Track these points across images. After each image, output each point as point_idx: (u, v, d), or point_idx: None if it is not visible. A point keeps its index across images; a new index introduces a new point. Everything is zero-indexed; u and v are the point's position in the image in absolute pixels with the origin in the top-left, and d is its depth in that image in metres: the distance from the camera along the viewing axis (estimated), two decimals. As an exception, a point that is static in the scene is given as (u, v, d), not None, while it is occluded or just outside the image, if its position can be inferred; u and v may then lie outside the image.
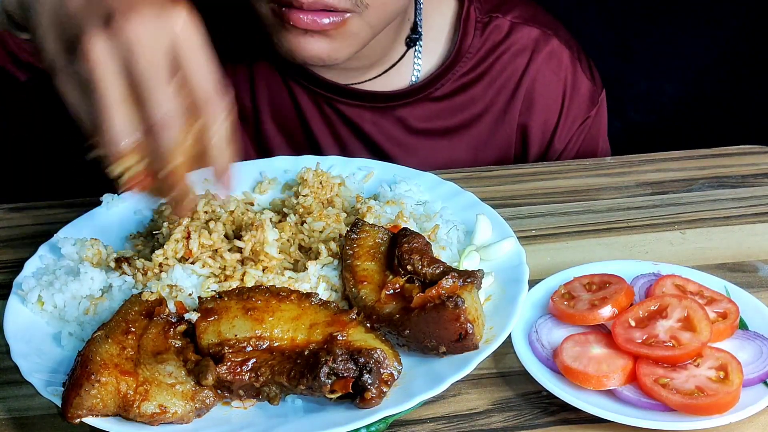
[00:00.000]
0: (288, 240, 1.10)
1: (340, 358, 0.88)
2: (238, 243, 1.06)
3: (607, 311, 1.00)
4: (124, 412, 0.87)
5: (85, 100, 0.86)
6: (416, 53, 1.47)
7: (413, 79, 1.47)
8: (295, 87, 1.45)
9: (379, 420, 0.88)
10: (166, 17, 0.86)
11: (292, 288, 1.00)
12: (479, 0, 1.50)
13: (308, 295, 0.97)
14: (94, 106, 0.85)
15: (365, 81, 1.45)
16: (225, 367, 0.90)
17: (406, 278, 1.00)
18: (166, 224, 1.12)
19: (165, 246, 1.05)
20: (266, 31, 1.28)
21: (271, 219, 1.09)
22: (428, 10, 1.47)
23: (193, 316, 0.95)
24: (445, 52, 1.49)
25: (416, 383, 0.91)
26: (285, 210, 1.18)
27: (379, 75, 1.45)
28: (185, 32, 0.87)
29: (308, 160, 1.28)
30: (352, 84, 1.45)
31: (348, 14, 1.21)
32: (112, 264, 1.08)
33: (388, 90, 1.47)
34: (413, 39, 1.45)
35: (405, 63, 1.47)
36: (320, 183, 1.20)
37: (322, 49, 1.24)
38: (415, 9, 1.45)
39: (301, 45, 1.23)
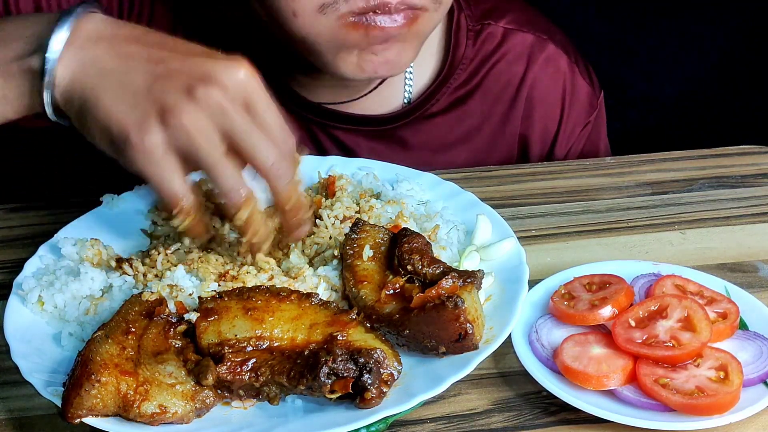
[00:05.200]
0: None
1: (340, 358, 0.88)
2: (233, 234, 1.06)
3: (607, 311, 1.00)
4: (124, 412, 0.87)
5: (167, 168, 0.92)
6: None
7: (406, 94, 1.44)
8: (289, 114, 1.42)
9: (379, 420, 0.88)
10: (235, 73, 0.92)
11: (292, 288, 1.00)
12: (469, 7, 1.46)
13: (308, 295, 0.97)
14: (201, 166, 0.93)
15: (359, 97, 1.42)
16: (225, 367, 0.90)
17: (406, 278, 1.00)
18: (163, 227, 1.13)
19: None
20: (317, 54, 1.24)
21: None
22: None
23: (193, 316, 0.95)
24: (438, 64, 1.45)
25: (416, 383, 0.91)
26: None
27: (372, 90, 1.42)
28: (252, 83, 0.93)
29: (309, 160, 1.28)
30: (345, 101, 1.41)
31: (420, 11, 1.19)
32: (113, 264, 1.08)
33: (383, 112, 1.44)
34: None
35: (397, 77, 1.43)
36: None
37: (395, 54, 1.22)
38: None
39: (378, 53, 1.21)
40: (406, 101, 1.45)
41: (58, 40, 0.93)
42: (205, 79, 0.91)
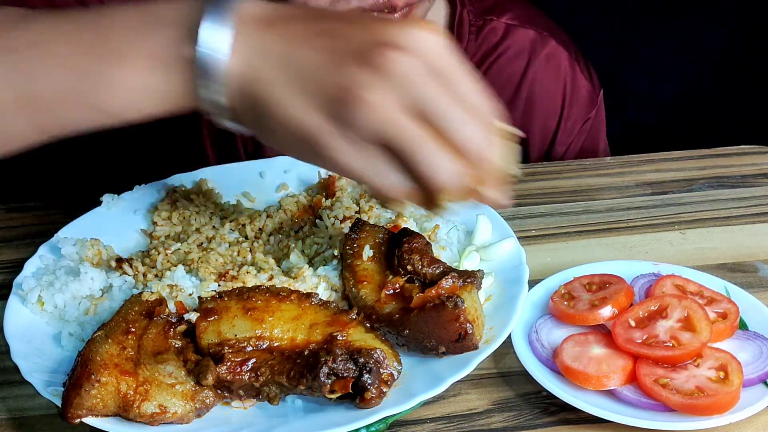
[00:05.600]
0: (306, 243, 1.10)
1: (339, 358, 0.88)
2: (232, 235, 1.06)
3: (607, 311, 1.00)
4: (124, 412, 0.87)
5: (369, 162, 0.78)
6: None
7: None
8: None
9: (379, 420, 0.88)
10: (423, 37, 0.77)
11: (292, 288, 1.00)
12: (472, 3, 1.47)
13: (308, 295, 0.97)
14: (403, 151, 0.77)
15: None
16: (225, 367, 0.90)
17: (406, 278, 1.00)
18: (163, 227, 1.13)
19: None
20: None
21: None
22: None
23: (193, 316, 0.95)
24: None
25: (416, 383, 0.91)
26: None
27: None
28: (443, 49, 0.78)
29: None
30: None
31: (414, 1, 1.15)
32: (113, 264, 1.08)
33: None
34: None
35: None
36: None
37: None
38: None
39: None
40: None
41: (224, 27, 0.78)
42: (388, 46, 0.76)
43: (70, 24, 0.84)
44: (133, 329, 0.93)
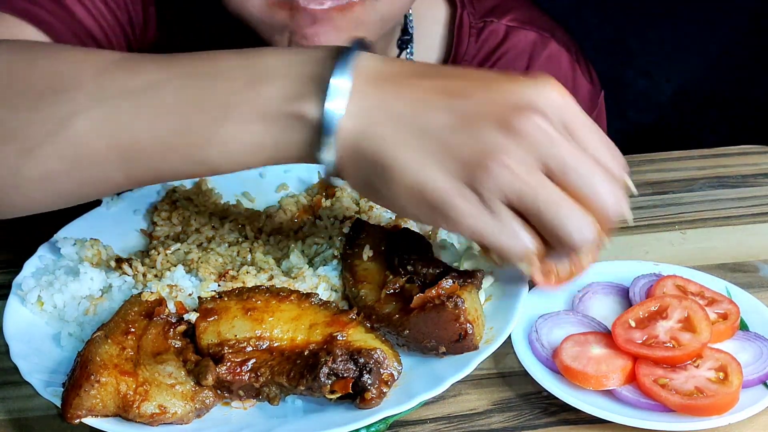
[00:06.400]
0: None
1: (339, 359, 0.88)
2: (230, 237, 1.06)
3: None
4: (123, 412, 0.87)
5: (503, 224, 0.78)
6: (408, 57, 1.42)
7: None
8: None
9: (379, 420, 0.88)
10: (549, 94, 0.77)
11: (292, 288, 1.00)
12: (472, 4, 1.46)
13: (308, 295, 0.97)
14: (539, 212, 0.77)
15: None
16: (225, 367, 0.90)
17: (406, 278, 1.00)
18: (163, 227, 1.13)
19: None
20: (259, 35, 1.15)
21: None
22: (419, 15, 1.42)
23: (193, 316, 0.95)
24: (440, 59, 1.45)
25: (416, 383, 0.91)
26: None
27: None
28: (570, 104, 0.79)
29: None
30: None
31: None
32: (112, 264, 1.08)
33: None
34: (405, 41, 1.40)
35: None
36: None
37: (327, 40, 1.12)
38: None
39: (309, 37, 1.12)
40: None
41: (342, 84, 0.76)
42: (521, 108, 0.75)
43: (172, 70, 0.82)
44: (133, 329, 0.93)
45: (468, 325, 0.92)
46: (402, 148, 0.77)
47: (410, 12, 1.41)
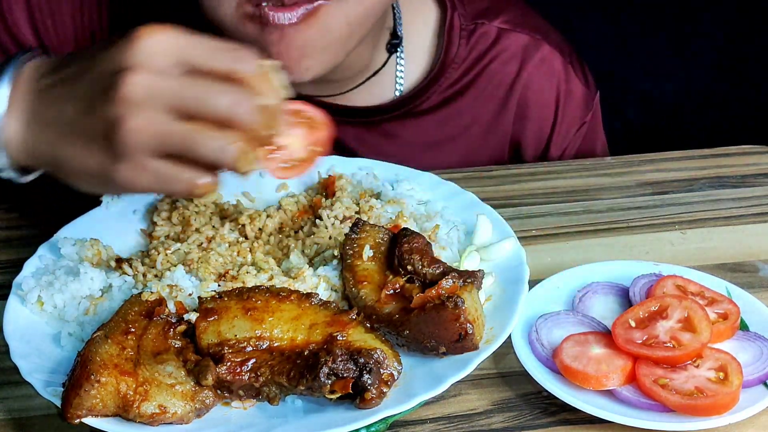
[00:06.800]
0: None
1: (339, 359, 0.88)
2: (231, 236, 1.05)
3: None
4: (123, 412, 0.87)
5: (160, 175, 0.85)
6: (398, 60, 1.42)
7: (397, 90, 1.43)
8: None
9: (380, 420, 0.88)
10: (143, 47, 0.83)
11: (292, 288, 1.00)
12: (463, 5, 1.45)
13: (308, 295, 0.97)
14: (182, 150, 0.84)
15: (347, 91, 1.39)
16: (225, 367, 0.90)
17: (406, 278, 1.00)
18: (163, 227, 1.12)
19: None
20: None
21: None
22: (408, 17, 1.42)
23: (193, 316, 0.95)
24: (430, 62, 1.44)
25: (416, 383, 0.91)
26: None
27: (362, 83, 1.39)
28: (164, 46, 0.84)
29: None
30: (334, 94, 1.39)
31: (319, 2, 1.13)
32: (112, 264, 1.08)
33: (372, 104, 1.42)
34: (394, 45, 1.40)
35: (387, 72, 1.41)
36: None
37: (297, 57, 1.15)
38: (394, 16, 1.40)
39: (275, 45, 1.14)
40: (396, 97, 1.45)
41: (2, 92, 0.89)
42: (116, 73, 0.83)
43: None
44: (133, 329, 0.93)
45: (468, 325, 0.92)
46: (59, 146, 0.87)
47: (400, 15, 1.41)
